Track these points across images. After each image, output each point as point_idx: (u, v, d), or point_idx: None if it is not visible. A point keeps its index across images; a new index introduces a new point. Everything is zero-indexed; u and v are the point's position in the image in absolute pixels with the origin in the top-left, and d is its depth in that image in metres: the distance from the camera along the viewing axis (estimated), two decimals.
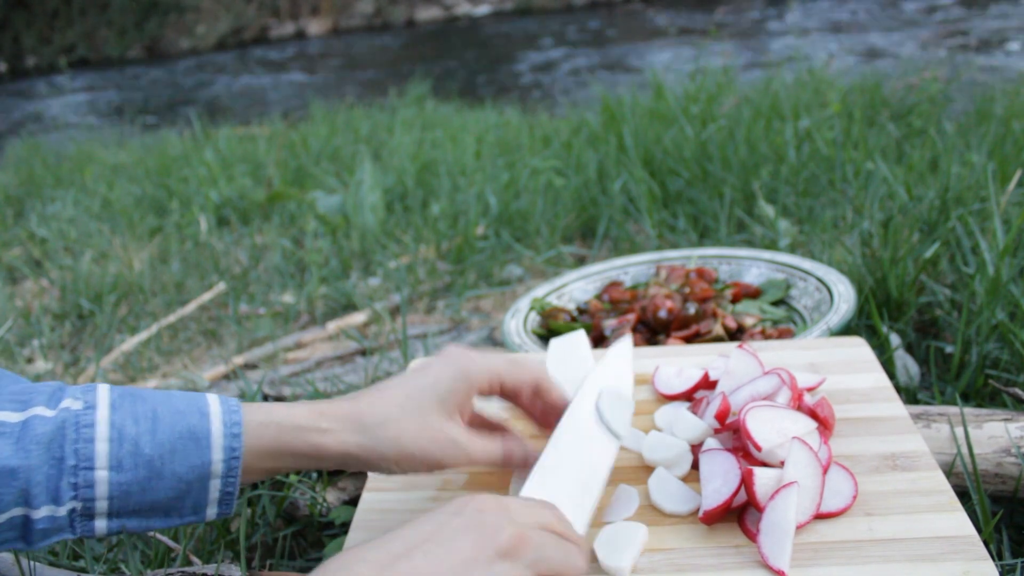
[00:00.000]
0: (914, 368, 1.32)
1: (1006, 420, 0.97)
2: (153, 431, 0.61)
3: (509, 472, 0.83)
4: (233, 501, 0.65)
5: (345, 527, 1.10)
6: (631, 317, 1.33)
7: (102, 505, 0.60)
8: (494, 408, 0.94)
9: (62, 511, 0.59)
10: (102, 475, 0.59)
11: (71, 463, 0.59)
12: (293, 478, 1.12)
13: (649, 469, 0.83)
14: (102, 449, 0.59)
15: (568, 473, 0.73)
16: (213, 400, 0.65)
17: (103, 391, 0.63)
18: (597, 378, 0.85)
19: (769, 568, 0.67)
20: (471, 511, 0.58)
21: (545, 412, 0.80)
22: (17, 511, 0.58)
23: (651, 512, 0.77)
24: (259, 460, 0.65)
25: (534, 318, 1.39)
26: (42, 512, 0.59)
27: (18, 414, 0.59)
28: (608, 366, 0.88)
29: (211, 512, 0.65)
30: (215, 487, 0.64)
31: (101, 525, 0.61)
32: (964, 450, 0.95)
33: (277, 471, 0.68)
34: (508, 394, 0.77)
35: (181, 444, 0.62)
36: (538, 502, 0.64)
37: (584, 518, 0.72)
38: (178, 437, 0.62)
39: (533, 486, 0.70)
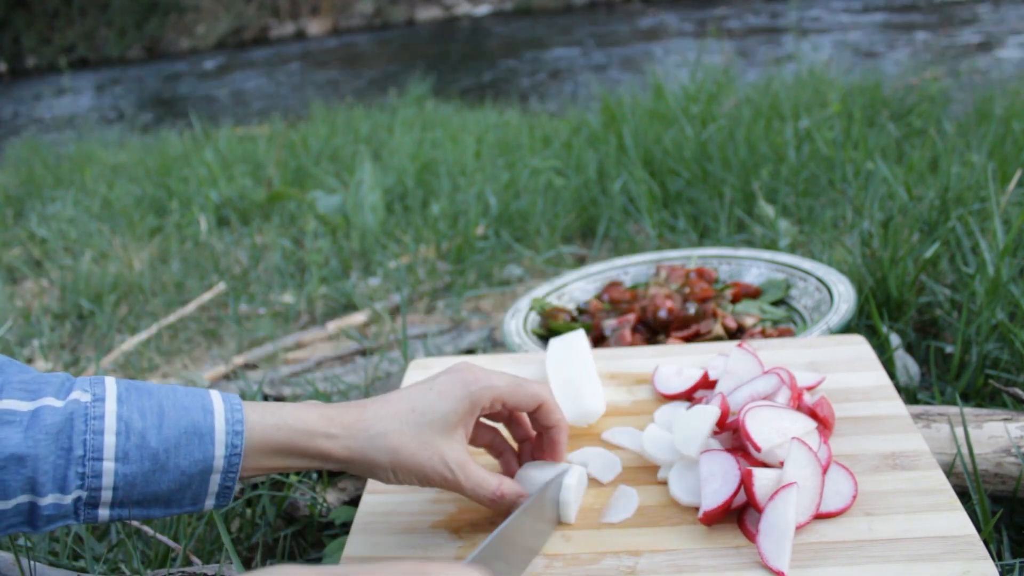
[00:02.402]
0: (914, 368, 1.32)
1: (1006, 420, 0.96)
2: (159, 426, 0.64)
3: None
4: (231, 494, 0.68)
5: (345, 527, 1.10)
6: (631, 317, 1.33)
7: (107, 495, 0.62)
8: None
9: (68, 499, 0.61)
10: (109, 466, 0.62)
11: (79, 453, 0.61)
12: (293, 478, 1.12)
13: (647, 470, 0.83)
14: (110, 441, 0.62)
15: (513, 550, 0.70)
16: (216, 397, 0.68)
17: (110, 384, 0.65)
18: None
19: (769, 568, 0.67)
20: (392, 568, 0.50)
21: (542, 435, 0.80)
22: (24, 498, 0.60)
23: (651, 512, 0.77)
24: (267, 458, 0.68)
25: (534, 318, 1.39)
26: (48, 500, 0.61)
27: (27, 403, 0.61)
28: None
29: (209, 503, 0.68)
30: (215, 481, 0.66)
31: (104, 513, 0.64)
32: (964, 450, 0.94)
33: (282, 470, 0.71)
34: (509, 415, 0.79)
35: (186, 439, 0.64)
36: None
37: None
38: (183, 432, 0.64)
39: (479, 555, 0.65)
